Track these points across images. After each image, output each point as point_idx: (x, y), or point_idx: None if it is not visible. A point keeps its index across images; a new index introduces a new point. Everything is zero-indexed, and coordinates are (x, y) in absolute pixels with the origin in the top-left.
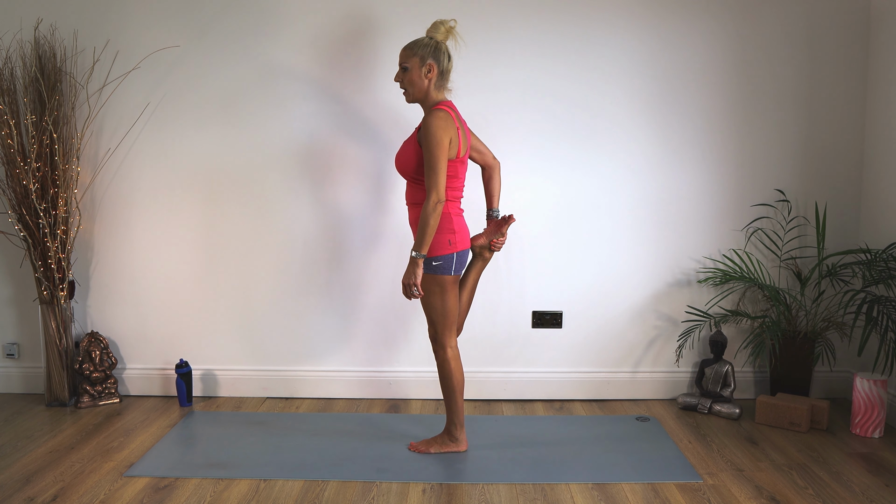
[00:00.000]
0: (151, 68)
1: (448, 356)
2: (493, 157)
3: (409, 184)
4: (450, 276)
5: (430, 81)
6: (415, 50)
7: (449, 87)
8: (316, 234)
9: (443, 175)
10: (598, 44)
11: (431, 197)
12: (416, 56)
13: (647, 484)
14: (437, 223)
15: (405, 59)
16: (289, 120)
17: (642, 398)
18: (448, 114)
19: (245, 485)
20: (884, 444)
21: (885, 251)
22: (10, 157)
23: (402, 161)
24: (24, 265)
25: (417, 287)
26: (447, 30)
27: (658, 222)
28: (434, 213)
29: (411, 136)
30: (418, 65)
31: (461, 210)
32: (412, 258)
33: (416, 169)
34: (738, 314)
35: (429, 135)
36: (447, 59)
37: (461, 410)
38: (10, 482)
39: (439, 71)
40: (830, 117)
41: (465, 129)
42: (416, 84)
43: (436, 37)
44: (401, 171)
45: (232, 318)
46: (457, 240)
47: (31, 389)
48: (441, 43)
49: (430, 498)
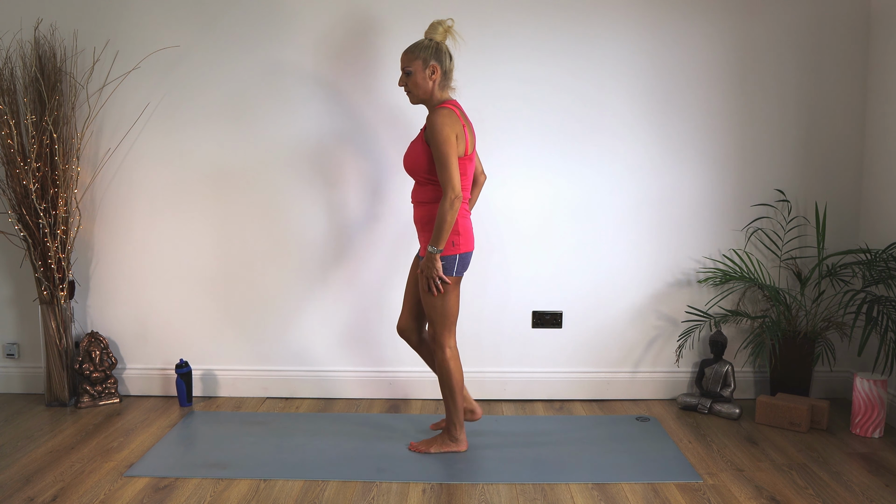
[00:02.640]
0: (151, 68)
1: (447, 356)
2: (481, 171)
3: (416, 183)
4: (452, 277)
5: (434, 83)
6: (416, 53)
7: (453, 87)
8: (316, 233)
9: (456, 170)
10: (599, 43)
11: (448, 193)
12: (419, 59)
13: (647, 484)
14: (454, 220)
15: (407, 64)
16: (290, 120)
17: (642, 398)
18: (452, 111)
19: (245, 485)
20: (884, 444)
21: (885, 251)
22: (10, 157)
23: (410, 161)
24: (24, 265)
25: (440, 280)
26: (445, 30)
27: (658, 222)
28: (452, 209)
29: (418, 136)
30: (421, 67)
31: (468, 211)
32: (429, 253)
33: (425, 168)
34: (738, 314)
35: (435, 132)
36: (448, 58)
37: (461, 410)
38: (10, 482)
39: (442, 71)
40: (830, 117)
41: (470, 127)
42: (420, 87)
43: (435, 38)
44: (409, 171)
45: (232, 318)
46: (461, 241)
47: (31, 389)
48: (441, 43)
49: (430, 498)
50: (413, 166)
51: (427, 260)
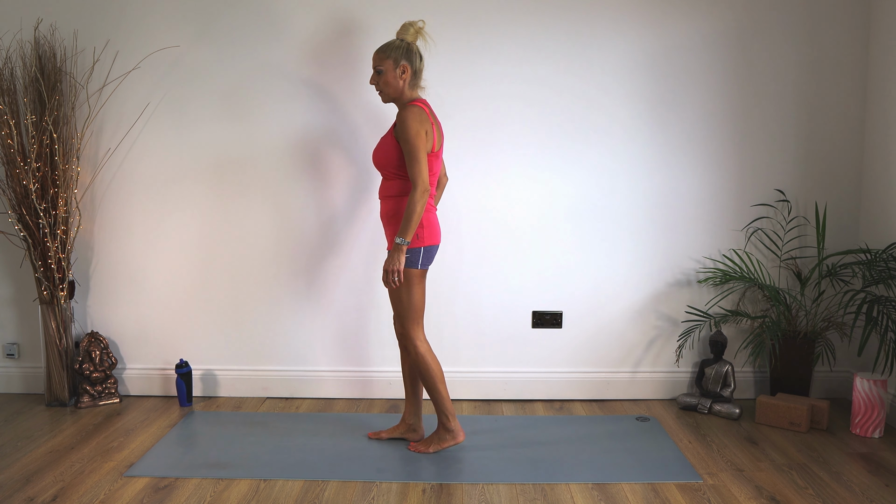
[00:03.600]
0: (151, 68)
1: (421, 350)
2: (444, 174)
3: (384, 178)
4: (416, 270)
5: (404, 82)
6: (388, 53)
7: (422, 86)
8: (316, 233)
9: (425, 165)
10: (599, 43)
11: (418, 186)
12: (390, 59)
13: (647, 484)
14: (423, 211)
15: (379, 63)
16: (292, 120)
17: (642, 398)
18: (421, 109)
19: (245, 485)
20: (884, 444)
21: (885, 251)
22: (10, 157)
23: (379, 156)
24: (24, 265)
25: (399, 273)
26: (416, 31)
27: (658, 222)
28: (420, 201)
29: (388, 133)
30: (392, 67)
31: (433, 206)
32: (396, 245)
33: (393, 164)
34: (738, 314)
35: (405, 128)
36: (419, 59)
37: (447, 399)
38: (10, 482)
39: (412, 71)
40: (830, 117)
41: (439, 125)
42: (391, 85)
43: (406, 38)
44: (377, 166)
45: (232, 319)
46: (425, 234)
47: (31, 389)
48: (412, 44)
49: (430, 498)
50: (381, 160)
51: (393, 251)
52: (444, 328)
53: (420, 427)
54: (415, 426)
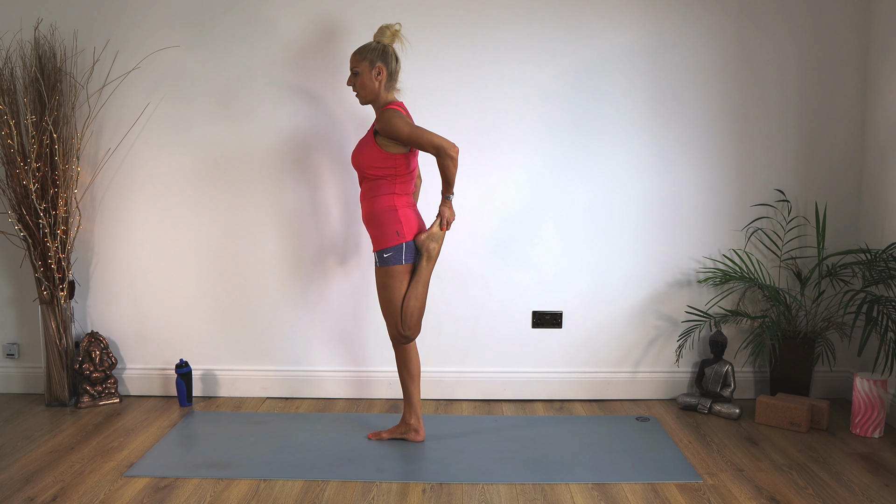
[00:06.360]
0: (151, 68)
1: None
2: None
3: (363, 180)
4: (401, 266)
5: (380, 83)
6: (364, 55)
7: (398, 88)
8: (316, 233)
9: (431, 133)
10: (599, 43)
11: (443, 151)
12: (366, 60)
13: (647, 484)
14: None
15: (355, 64)
16: (292, 119)
17: (642, 398)
18: (399, 111)
19: (245, 485)
20: (884, 444)
21: (885, 251)
22: (10, 157)
23: (358, 157)
24: (24, 265)
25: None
26: (393, 33)
27: (658, 222)
28: (455, 158)
29: (367, 135)
30: (368, 69)
31: (412, 202)
32: (447, 200)
33: (372, 164)
34: (738, 314)
35: (394, 128)
36: (395, 61)
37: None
38: (10, 482)
39: (388, 73)
40: (830, 117)
41: None
42: (367, 87)
43: (382, 41)
44: (356, 167)
45: (232, 318)
46: (405, 231)
47: (31, 389)
48: (388, 46)
49: (430, 498)
50: (361, 160)
51: (444, 207)
52: (444, 328)
53: (421, 427)
54: (415, 426)
